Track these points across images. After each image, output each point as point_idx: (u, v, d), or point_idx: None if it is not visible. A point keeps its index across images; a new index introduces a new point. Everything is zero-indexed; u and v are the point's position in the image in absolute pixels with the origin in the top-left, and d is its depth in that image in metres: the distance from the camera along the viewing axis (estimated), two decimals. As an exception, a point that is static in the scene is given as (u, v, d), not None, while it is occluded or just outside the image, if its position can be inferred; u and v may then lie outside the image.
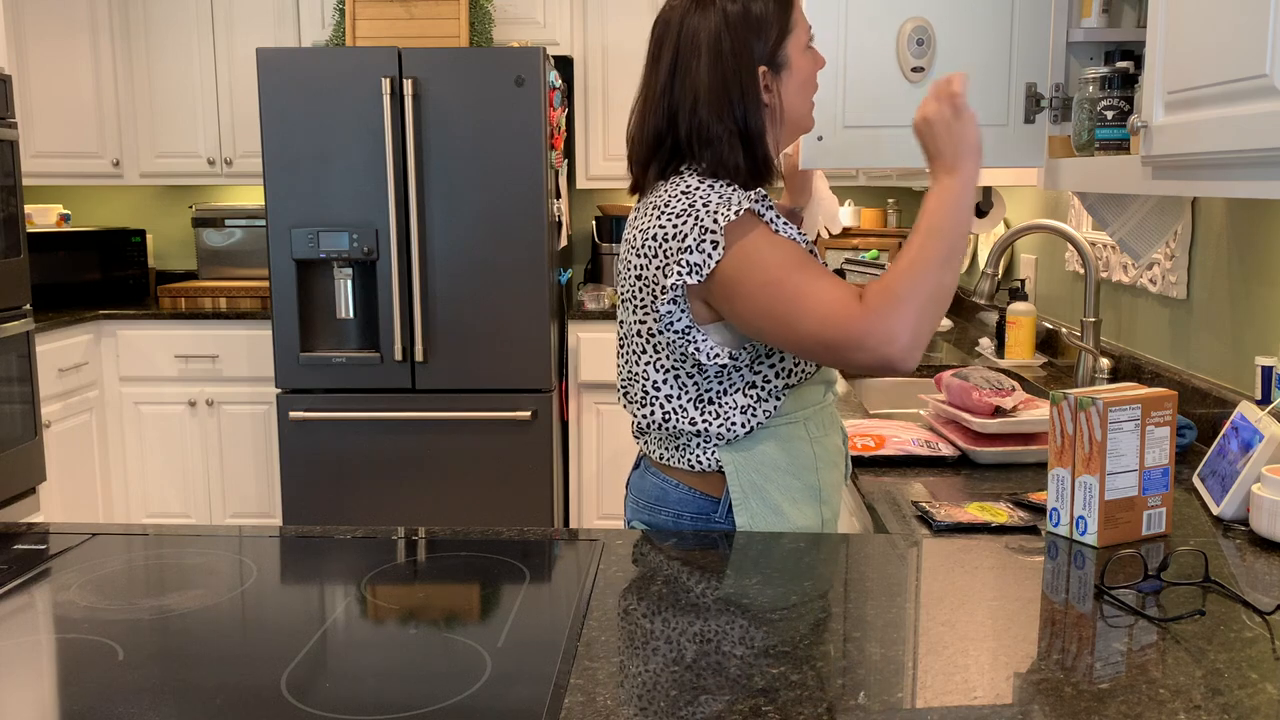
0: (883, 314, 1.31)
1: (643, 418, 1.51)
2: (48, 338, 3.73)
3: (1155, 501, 1.33)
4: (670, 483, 1.53)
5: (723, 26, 1.42)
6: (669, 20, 1.46)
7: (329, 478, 3.72)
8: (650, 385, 1.49)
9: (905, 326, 1.30)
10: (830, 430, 1.53)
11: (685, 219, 1.39)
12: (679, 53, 1.44)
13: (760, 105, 1.44)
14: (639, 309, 1.47)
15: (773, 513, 1.47)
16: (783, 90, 1.46)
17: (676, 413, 1.48)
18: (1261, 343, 1.76)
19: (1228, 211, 1.89)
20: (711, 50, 1.42)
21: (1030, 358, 2.65)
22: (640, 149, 1.49)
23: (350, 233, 3.60)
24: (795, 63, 1.45)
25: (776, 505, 1.47)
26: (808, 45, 1.47)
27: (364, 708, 0.90)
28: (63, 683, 0.95)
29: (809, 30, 1.47)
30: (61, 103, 4.14)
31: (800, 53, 1.46)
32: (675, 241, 1.39)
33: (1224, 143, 1.22)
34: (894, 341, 1.30)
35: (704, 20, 1.43)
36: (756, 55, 1.43)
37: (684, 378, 1.47)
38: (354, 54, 3.56)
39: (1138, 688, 0.93)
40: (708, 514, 1.49)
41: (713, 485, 1.49)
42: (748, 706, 0.89)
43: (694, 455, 1.49)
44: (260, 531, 1.38)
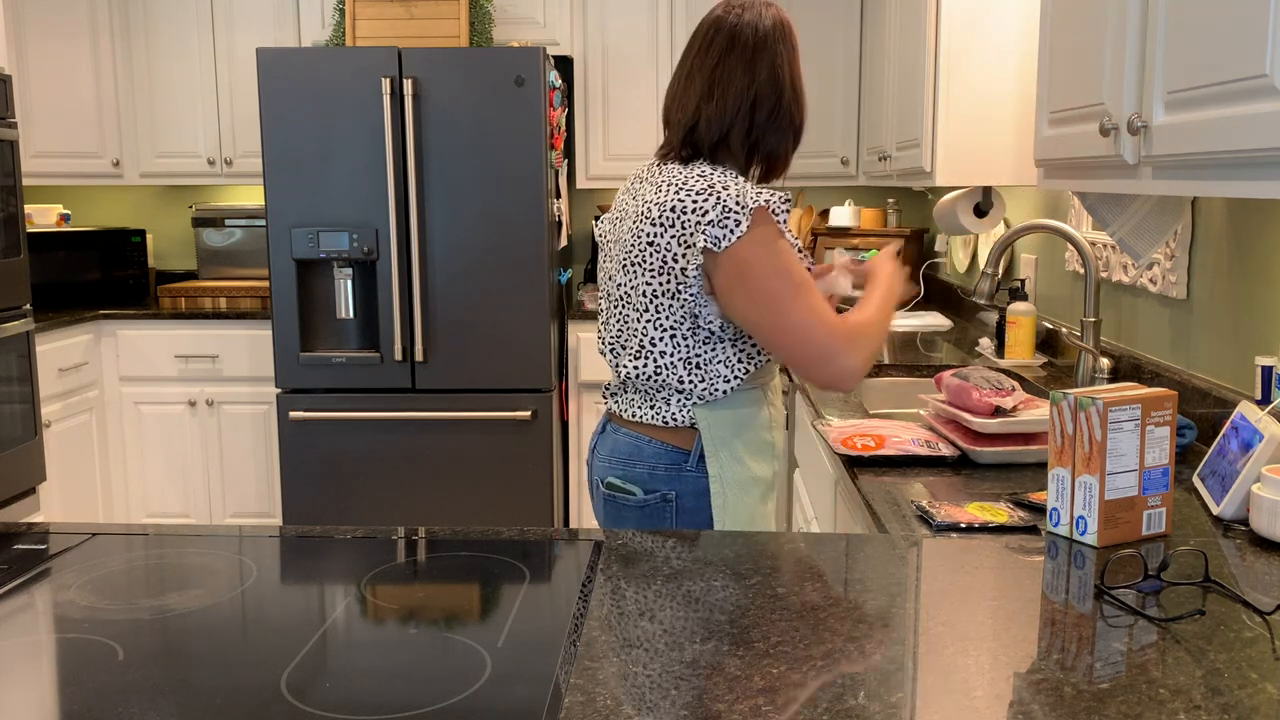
0: (855, 346, 1.59)
1: (635, 369, 1.69)
2: (48, 338, 3.73)
3: (1155, 501, 1.33)
4: (644, 439, 1.72)
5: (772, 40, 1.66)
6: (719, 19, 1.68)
7: (329, 478, 3.72)
8: (648, 341, 1.67)
9: (865, 363, 1.60)
10: (778, 397, 1.79)
11: (707, 196, 1.58)
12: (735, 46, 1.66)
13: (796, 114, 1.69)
14: (646, 271, 1.64)
15: (737, 463, 1.69)
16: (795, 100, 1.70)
17: (667, 369, 1.67)
18: (1261, 343, 1.76)
19: (1228, 211, 1.89)
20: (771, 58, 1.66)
21: (1030, 358, 2.65)
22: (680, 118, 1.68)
23: (350, 233, 3.60)
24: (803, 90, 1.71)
25: (740, 457, 1.69)
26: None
27: (364, 708, 0.90)
28: (63, 683, 0.95)
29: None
30: (61, 103, 4.14)
31: (799, 66, 1.71)
32: (695, 215, 1.58)
33: (1224, 143, 1.22)
34: (854, 371, 1.59)
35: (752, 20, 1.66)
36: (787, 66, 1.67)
37: (679, 338, 1.65)
38: (354, 54, 3.56)
39: (1138, 688, 0.93)
40: (679, 464, 1.69)
41: (683, 439, 1.70)
42: (748, 706, 0.89)
43: (671, 411, 1.69)
44: (260, 531, 1.38)
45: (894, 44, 3.33)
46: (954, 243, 3.83)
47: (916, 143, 2.95)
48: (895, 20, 3.32)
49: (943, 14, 2.76)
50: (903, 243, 1.68)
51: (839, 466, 1.76)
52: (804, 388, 2.39)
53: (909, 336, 3.17)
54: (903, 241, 1.70)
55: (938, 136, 2.79)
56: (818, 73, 4.05)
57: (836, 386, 1.61)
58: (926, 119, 2.84)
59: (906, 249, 4.07)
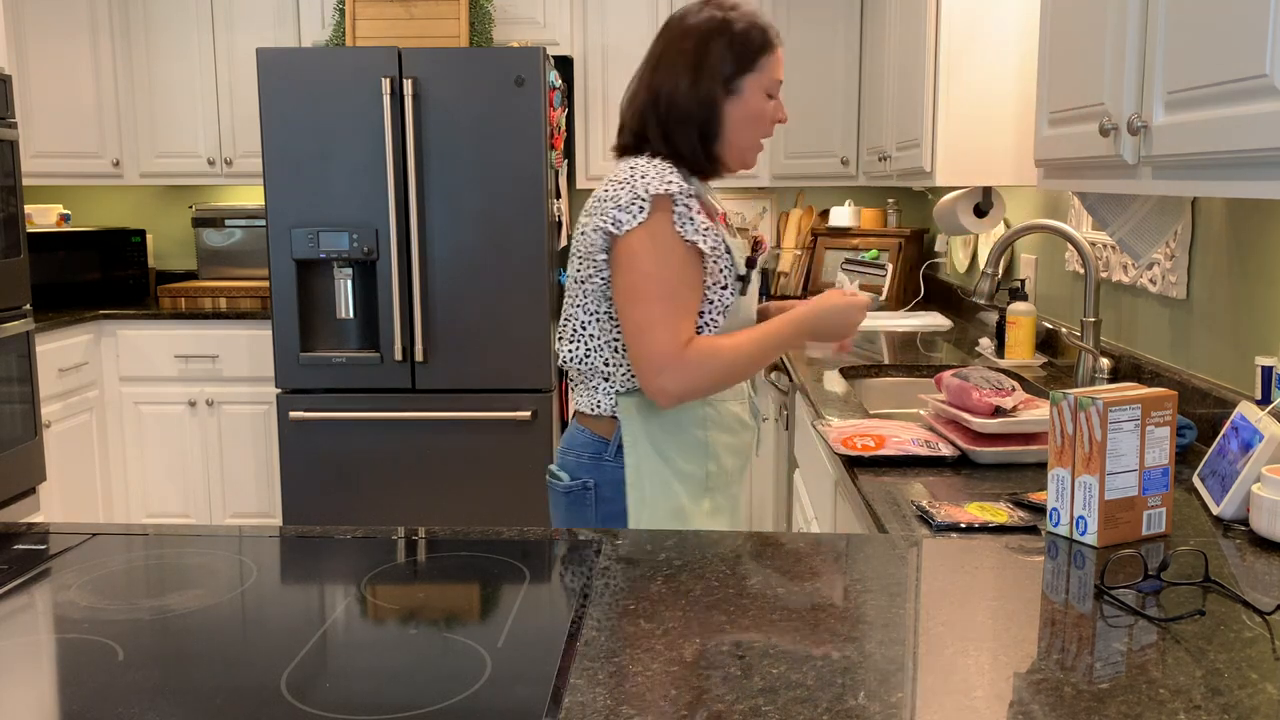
0: (686, 371, 1.59)
1: (569, 353, 1.73)
2: (48, 338, 3.73)
3: (1155, 501, 1.33)
4: (578, 427, 1.75)
5: (708, 38, 1.67)
6: (673, 17, 1.73)
7: (329, 478, 3.72)
8: (579, 324, 1.71)
9: (687, 390, 1.60)
10: (732, 398, 1.75)
11: (624, 185, 1.62)
12: (669, 46, 1.69)
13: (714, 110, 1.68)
14: (578, 256, 1.70)
15: (658, 458, 1.69)
16: (730, 112, 1.69)
17: (594, 352, 1.70)
18: (1261, 343, 1.76)
19: (1228, 211, 1.89)
20: (695, 55, 1.67)
21: (1030, 358, 2.65)
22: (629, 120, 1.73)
23: (350, 233, 3.60)
24: (748, 96, 1.69)
25: (662, 452, 1.69)
26: (768, 93, 1.70)
27: (364, 708, 0.90)
28: (63, 683, 0.95)
29: (776, 83, 1.71)
30: (61, 103, 4.14)
31: (757, 90, 1.69)
32: (610, 201, 1.63)
33: (1224, 143, 1.22)
34: (668, 394, 1.60)
35: (697, 23, 1.68)
36: (723, 70, 1.67)
37: (603, 321, 1.69)
38: (354, 54, 3.56)
39: (1138, 688, 0.92)
40: (600, 454, 1.71)
41: (606, 428, 1.72)
42: (748, 706, 0.89)
43: (597, 398, 1.72)
44: (260, 531, 1.38)
45: (894, 44, 3.33)
46: (954, 243, 3.83)
47: (916, 143, 2.95)
48: (895, 20, 3.32)
49: (943, 14, 2.76)
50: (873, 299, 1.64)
51: (839, 466, 1.76)
52: (804, 387, 2.39)
53: (909, 336, 3.17)
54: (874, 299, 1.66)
55: (938, 136, 2.79)
56: (818, 73, 4.05)
57: (654, 400, 1.62)
58: (926, 119, 2.84)
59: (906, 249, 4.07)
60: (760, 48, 1.69)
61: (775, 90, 1.73)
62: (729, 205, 4.56)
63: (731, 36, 1.68)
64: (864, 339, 3.14)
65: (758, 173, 4.26)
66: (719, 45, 1.67)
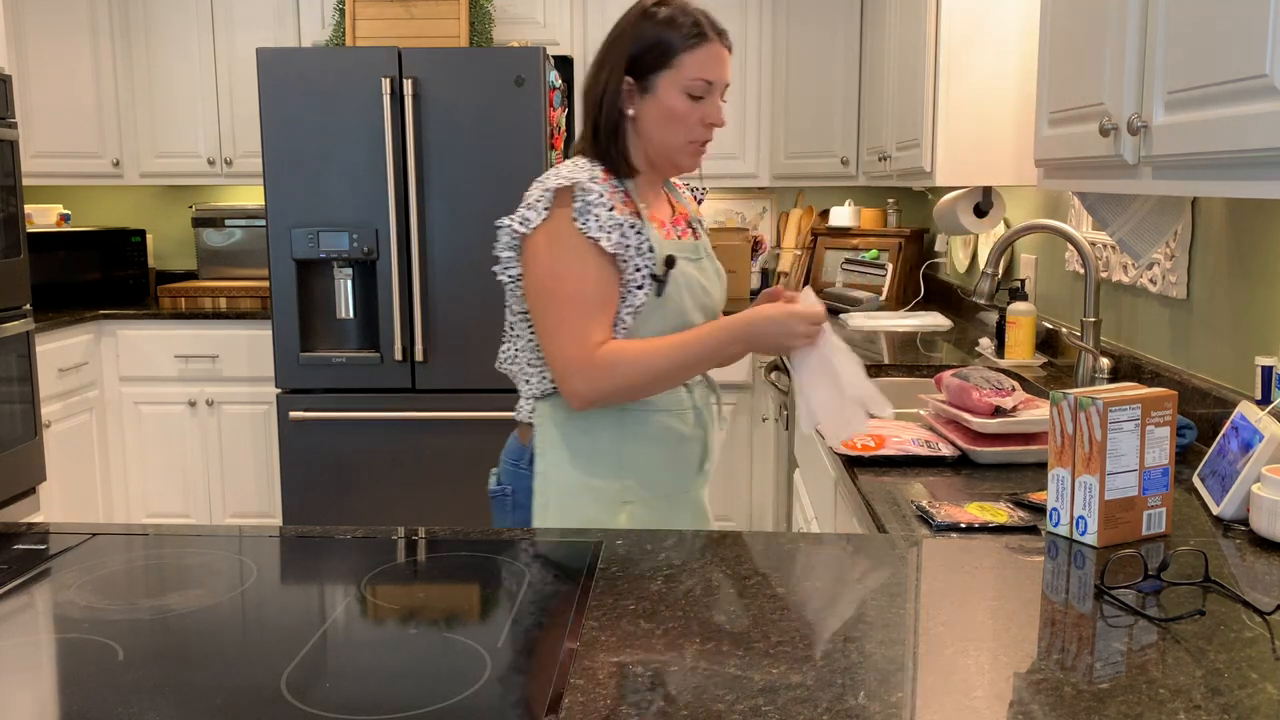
0: (594, 376, 1.54)
1: (501, 354, 1.72)
2: (48, 338, 3.73)
3: (1155, 501, 1.33)
4: (513, 434, 1.74)
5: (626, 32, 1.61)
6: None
7: (329, 478, 3.72)
8: (508, 325, 1.70)
9: (596, 395, 1.55)
10: (663, 407, 1.66)
11: (538, 183, 1.60)
12: (605, 41, 1.65)
13: (618, 107, 1.61)
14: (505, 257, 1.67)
15: (569, 467, 1.63)
16: (642, 111, 1.61)
17: (519, 354, 1.69)
18: (1261, 343, 1.76)
19: (1228, 211, 1.89)
20: (606, 48, 1.63)
21: (1030, 358, 2.65)
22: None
23: (350, 233, 3.60)
24: (663, 95, 1.60)
25: (575, 461, 1.63)
26: (690, 93, 1.59)
27: (364, 708, 0.90)
28: (63, 683, 0.95)
29: (701, 83, 1.59)
30: (61, 103, 4.14)
31: (673, 89, 1.59)
32: (523, 201, 1.60)
33: (1224, 143, 1.22)
34: (581, 398, 1.55)
35: (624, 17, 1.63)
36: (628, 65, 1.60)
37: (524, 322, 1.66)
38: (354, 54, 3.56)
39: (1138, 688, 0.93)
40: (519, 460, 1.69)
41: (526, 434, 1.70)
42: (748, 706, 0.89)
43: (521, 402, 1.70)
44: (260, 531, 1.38)
45: (894, 44, 3.33)
46: (954, 243, 3.83)
47: (916, 143, 2.95)
48: (895, 20, 3.32)
49: (943, 14, 2.76)
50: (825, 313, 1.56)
51: (839, 466, 1.76)
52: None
53: (909, 336, 3.17)
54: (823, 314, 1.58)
55: (938, 136, 2.79)
56: (818, 73, 4.05)
57: (569, 403, 1.58)
58: (926, 119, 2.84)
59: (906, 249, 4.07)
60: (678, 44, 1.58)
61: (701, 90, 1.60)
62: (729, 205, 4.56)
63: (645, 31, 1.59)
64: (864, 339, 3.14)
65: (758, 172, 4.26)
66: (630, 41, 1.60)
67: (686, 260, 1.66)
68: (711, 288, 1.70)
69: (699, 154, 1.66)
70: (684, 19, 1.59)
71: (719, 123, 1.63)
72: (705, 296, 1.68)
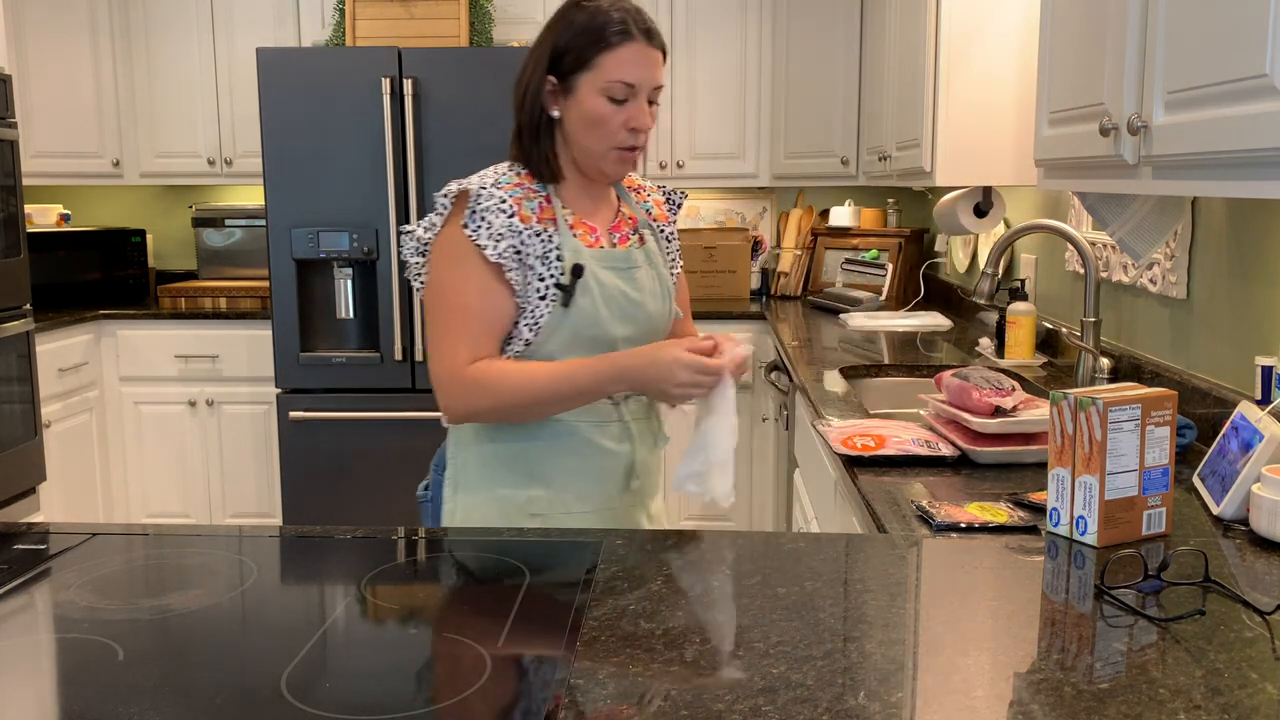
0: (460, 394, 1.49)
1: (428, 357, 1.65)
2: (48, 338, 3.73)
3: (1155, 501, 1.33)
4: (445, 441, 1.69)
5: (549, 29, 1.54)
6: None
7: (329, 478, 3.72)
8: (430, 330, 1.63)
9: (465, 413, 1.51)
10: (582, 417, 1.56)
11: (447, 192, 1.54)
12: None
13: (540, 107, 1.54)
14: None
15: (477, 474, 1.58)
16: (566, 113, 1.54)
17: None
18: (1261, 343, 1.76)
19: (1228, 211, 1.89)
20: (534, 45, 1.56)
21: (1030, 358, 2.65)
22: None
23: (350, 233, 3.60)
24: (582, 96, 1.51)
25: (483, 470, 1.58)
26: (610, 96, 1.50)
27: (364, 708, 0.90)
28: (63, 683, 0.95)
29: (620, 85, 1.49)
30: (61, 103, 4.14)
31: (592, 91, 1.50)
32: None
33: (1224, 143, 1.22)
34: (449, 412, 1.52)
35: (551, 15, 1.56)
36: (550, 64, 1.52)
37: None
38: (354, 54, 3.56)
39: (1138, 688, 0.93)
40: (439, 465, 1.66)
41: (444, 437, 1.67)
42: (748, 706, 0.89)
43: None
44: (260, 531, 1.38)
45: (894, 44, 3.33)
46: (954, 243, 3.83)
47: (916, 143, 2.95)
48: (895, 20, 3.32)
49: (943, 14, 2.76)
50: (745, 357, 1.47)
51: (839, 466, 1.76)
52: (804, 387, 2.39)
53: (909, 336, 3.17)
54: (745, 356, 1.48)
55: (938, 136, 2.79)
56: (818, 73, 4.05)
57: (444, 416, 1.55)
58: (926, 119, 2.84)
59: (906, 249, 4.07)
60: (598, 44, 1.49)
61: (622, 93, 1.50)
62: (729, 205, 4.56)
63: (566, 29, 1.51)
64: (864, 339, 3.14)
65: (758, 172, 4.26)
66: (551, 38, 1.52)
67: (613, 270, 1.57)
68: (646, 299, 1.60)
69: (626, 161, 1.55)
70: (606, 16, 1.49)
71: (643, 127, 1.52)
72: (633, 308, 1.58)
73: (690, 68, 4.19)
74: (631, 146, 1.53)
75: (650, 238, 1.66)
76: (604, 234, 1.60)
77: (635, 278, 1.59)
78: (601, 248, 1.58)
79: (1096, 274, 2.24)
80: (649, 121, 1.53)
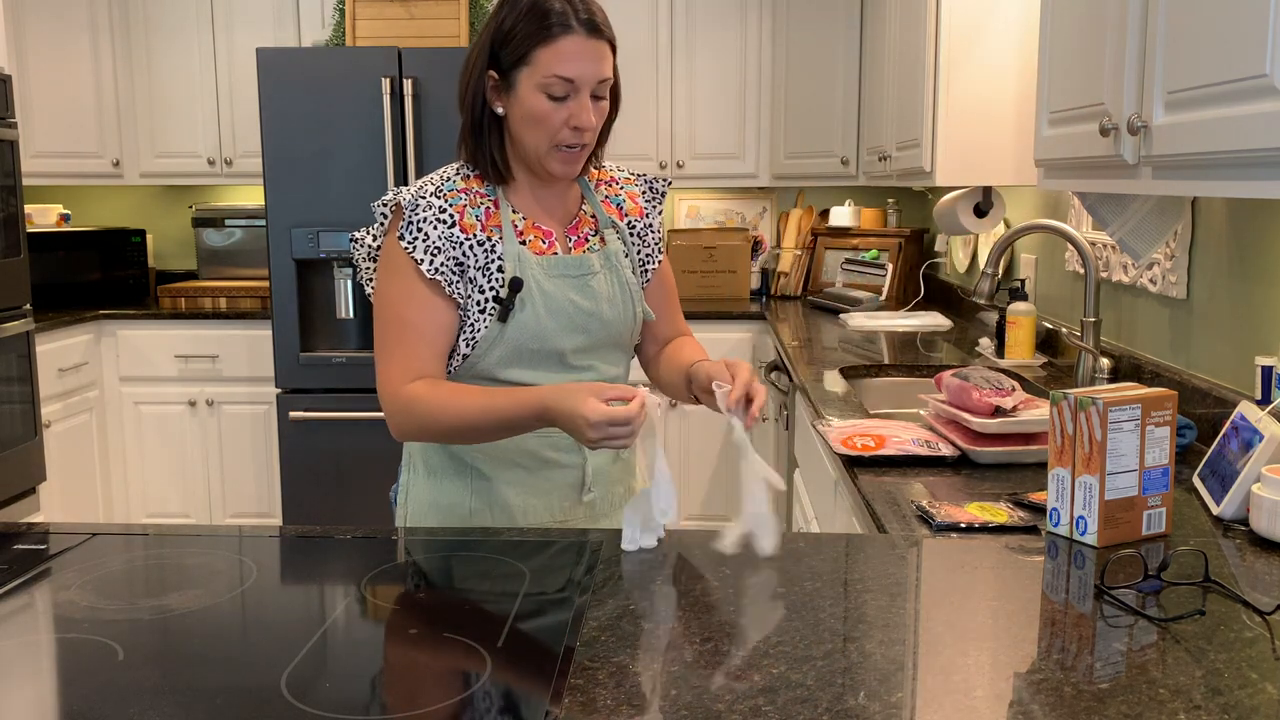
0: (394, 413, 1.45)
1: None
2: (48, 338, 3.73)
3: (1155, 501, 1.33)
4: None
5: (490, 21, 1.46)
6: None
7: (329, 478, 3.72)
8: None
9: (402, 433, 1.46)
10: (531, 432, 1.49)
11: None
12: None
13: (483, 103, 1.47)
14: None
15: (424, 482, 1.57)
16: (510, 109, 1.46)
17: None
18: (1261, 343, 1.76)
19: (1228, 211, 1.89)
20: (476, 38, 1.48)
21: (1030, 358, 2.65)
22: None
23: (350, 233, 3.60)
24: (521, 93, 1.43)
25: (429, 477, 1.56)
26: (548, 92, 1.41)
27: (364, 708, 0.90)
28: (63, 683, 0.95)
29: (558, 81, 1.40)
30: (61, 103, 4.14)
31: (530, 88, 1.41)
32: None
33: (1224, 143, 1.22)
34: (394, 428, 1.47)
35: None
36: (491, 58, 1.45)
37: None
38: (354, 54, 3.56)
39: (1138, 688, 0.93)
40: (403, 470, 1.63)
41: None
42: (748, 706, 0.89)
43: None
44: (260, 531, 1.38)
45: (894, 44, 3.33)
46: (954, 243, 3.83)
47: (916, 143, 2.95)
48: (895, 20, 3.32)
49: (943, 14, 2.76)
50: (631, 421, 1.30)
51: (839, 466, 1.76)
52: (804, 387, 2.39)
53: (909, 336, 3.17)
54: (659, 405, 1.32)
55: (938, 136, 2.79)
56: (818, 73, 4.05)
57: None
58: (926, 119, 2.84)
59: (906, 249, 4.07)
60: (534, 37, 1.39)
61: (560, 90, 1.41)
62: (729, 205, 4.56)
63: (504, 21, 1.42)
64: (864, 339, 3.14)
65: (758, 172, 4.26)
66: (491, 31, 1.44)
67: (563, 278, 1.49)
68: (601, 306, 1.51)
69: (571, 160, 1.46)
70: (545, 7, 1.39)
71: (585, 125, 1.43)
72: (584, 318, 1.50)
73: (690, 68, 4.19)
74: (576, 145, 1.45)
75: (613, 237, 1.56)
76: (559, 238, 1.53)
77: (589, 285, 1.51)
78: (555, 254, 1.51)
79: (1096, 274, 2.24)
80: (591, 119, 1.43)
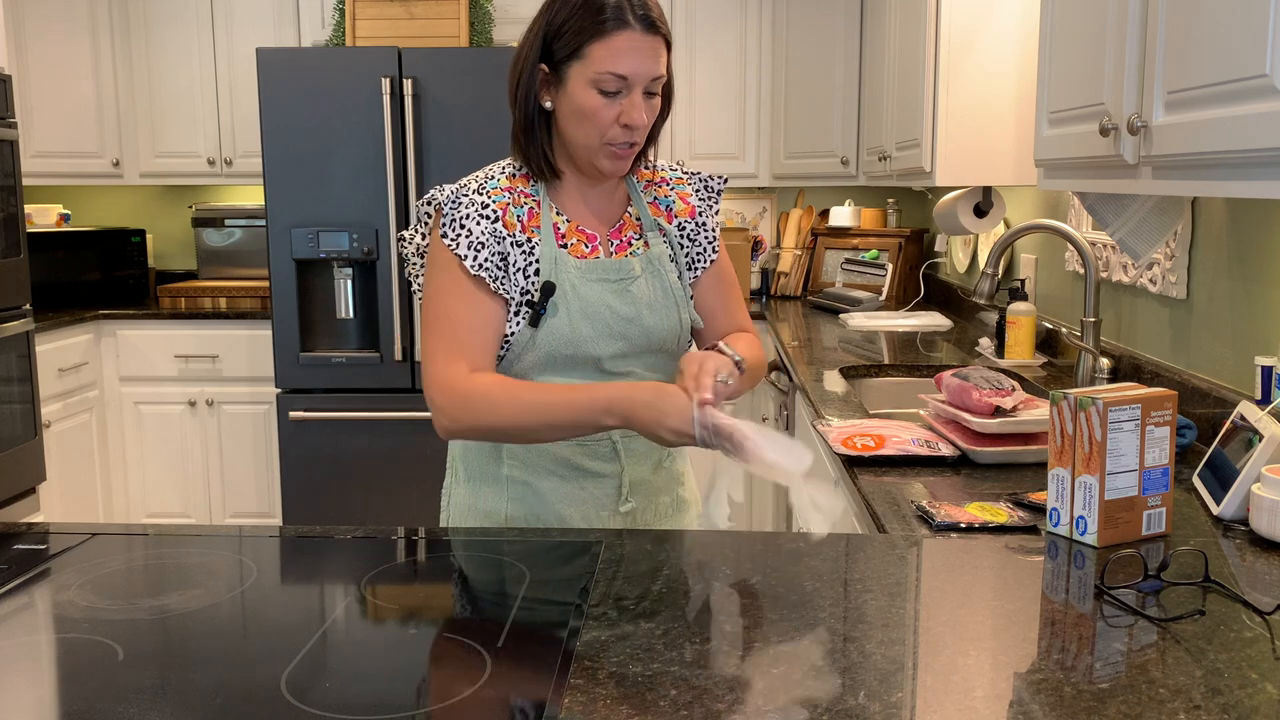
0: (449, 408, 1.39)
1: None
2: (48, 338, 3.73)
3: (1155, 501, 1.33)
4: None
5: (541, 13, 1.44)
6: None
7: (329, 478, 3.72)
8: None
9: (456, 429, 1.40)
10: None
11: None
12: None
13: (534, 98, 1.44)
14: None
15: (464, 488, 1.56)
16: (559, 104, 1.43)
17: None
18: (1261, 343, 1.76)
19: (1228, 211, 1.89)
20: (527, 31, 1.46)
21: (1030, 358, 2.65)
22: None
23: (350, 233, 3.60)
24: (571, 88, 1.40)
25: (469, 482, 1.55)
26: (599, 88, 1.38)
27: (364, 708, 0.90)
28: (63, 683, 0.95)
29: (610, 77, 1.37)
30: (61, 103, 4.14)
31: (581, 83, 1.39)
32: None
33: (1224, 143, 1.22)
34: (441, 428, 1.42)
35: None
36: (543, 51, 1.42)
37: None
38: (354, 54, 3.56)
39: (1138, 688, 0.93)
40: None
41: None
42: (748, 707, 0.89)
43: None
44: (260, 531, 1.38)
45: (894, 44, 3.33)
46: (954, 243, 3.82)
47: (916, 143, 2.95)
48: (895, 20, 3.32)
49: (943, 14, 2.76)
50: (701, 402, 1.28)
51: (839, 466, 1.76)
52: (804, 387, 2.39)
53: (909, 336, 3.17)
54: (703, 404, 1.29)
55: (938, 136, 2.79)
56: (818, 73, 4.05)
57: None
58: (926, 119, 2.84)
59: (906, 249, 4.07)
60: (587, 31, 1.37)
61: (613, 86, 1.38)
62: (729, 205, 4.56)
63: (557, 14, 1.40)
64: (864, 339, 3.14)
65: (758, 172, 4.26)
66: (543, 23, 1.42)
67: (603, 283, 1.47)
68: (642, 312, 1.49)
69: (621, 158, 1.44)
70: (591, 5, 1.37)
71: (636, 123, 1.40)
72: (623, 324, 1.47)
73: (690, 68, 4.19)
74: (626, 143, 1.43)
75: (658, 240, 1.54)
76: (603, 241, 1.51)
77: (629, 290, 1.48)
78: (598, 258, 1.49)
79: (1096, 274, 2.24)
80: (643, 118, 1.41)
